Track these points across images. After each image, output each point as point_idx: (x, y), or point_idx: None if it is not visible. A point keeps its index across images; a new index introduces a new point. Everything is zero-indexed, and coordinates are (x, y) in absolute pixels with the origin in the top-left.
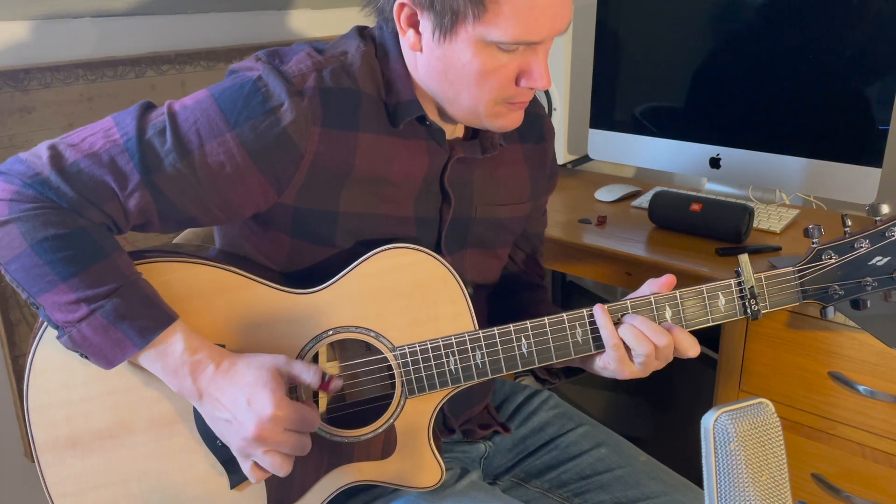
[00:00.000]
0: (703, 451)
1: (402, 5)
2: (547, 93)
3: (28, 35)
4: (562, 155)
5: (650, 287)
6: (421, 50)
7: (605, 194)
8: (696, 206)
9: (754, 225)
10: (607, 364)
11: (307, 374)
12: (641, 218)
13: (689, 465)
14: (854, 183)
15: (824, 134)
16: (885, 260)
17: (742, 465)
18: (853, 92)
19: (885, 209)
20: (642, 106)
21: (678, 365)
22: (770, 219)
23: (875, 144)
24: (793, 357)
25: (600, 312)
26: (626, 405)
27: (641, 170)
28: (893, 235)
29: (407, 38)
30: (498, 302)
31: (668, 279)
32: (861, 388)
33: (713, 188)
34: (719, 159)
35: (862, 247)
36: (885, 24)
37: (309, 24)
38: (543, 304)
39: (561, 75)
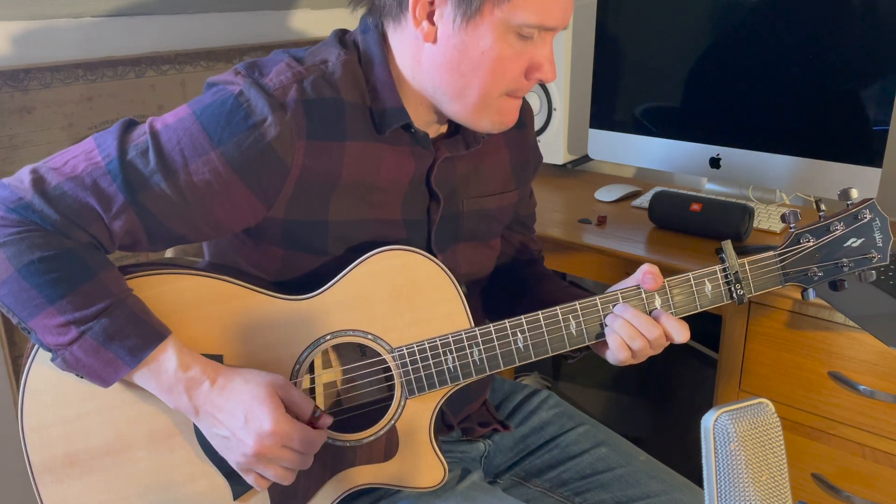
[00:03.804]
0: (703, 451)
1: None
2: (547, 93)
3: (28, 35)
4: (562, 155)
5: (637, 277)
6: (434, 41)
7: (605, 194)
8: (696, 206)
9: (754, 225)
10: (603, 351)
11: (299, 406)
12: (641, 218)
13: (689, 464)
14: (854, 183)
15: (824, 134)
16: (860, 241)
17: (742, 465)
18: (853, 92)
19: (854, 193)
20: (642, 106)
21: (678, 365)
22: (770, 219)
23: (875, 144)
24: (793, 357)
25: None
26: (626, 405)
27: (641, 170)
28: (865, 218)
29: (420, 30)
30: (500, 287)
31: (655, 283)
32: (861, 388)
33: (713, 188)
34: (719, 159)
35: (837, 229)
36: (885, 23)
37: (309, 24)
38: (547, 279)
39: (561, 75)
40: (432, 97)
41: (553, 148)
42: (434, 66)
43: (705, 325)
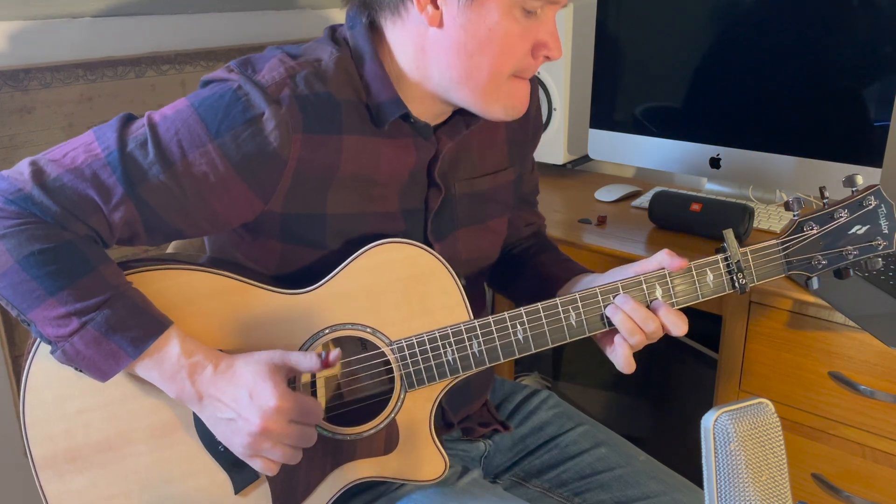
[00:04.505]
0: (703, 451)
1: None
2: (547, 93)
3: (28, 35)
4: (562, 155)
5: (661, 259)
6: (440, 25)
7: (605, 194)
8: (696, 206)
9: (754, 225)
10: (605, 347)
11: (306, 361)
12: (641, 218)
13: (689, 465)
14: None
15: (824, 134)
16: (865, 228)
17: (742, 465)
18: (852, 92)
19: (860, 180)
20: (642, 106)
21: (678, 365)
22: (770, 219)
23: (875, 144)
24: (793, 357)
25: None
26: (626, 405)
27: (641, 170)
28: (870, 204)
29: (426, 14)
30: (499, 259)
31: (682, 263)
32: (861, 388)
33: (713, 188)
34: (719, 159)
35: (841, 217)
36: (885, 23)
37: (309, 24)
38: (545, 250)
39: (561, 75)
40: (438, 86)
41: (553, 148)
42: (440, 51)
43: (705, 325)
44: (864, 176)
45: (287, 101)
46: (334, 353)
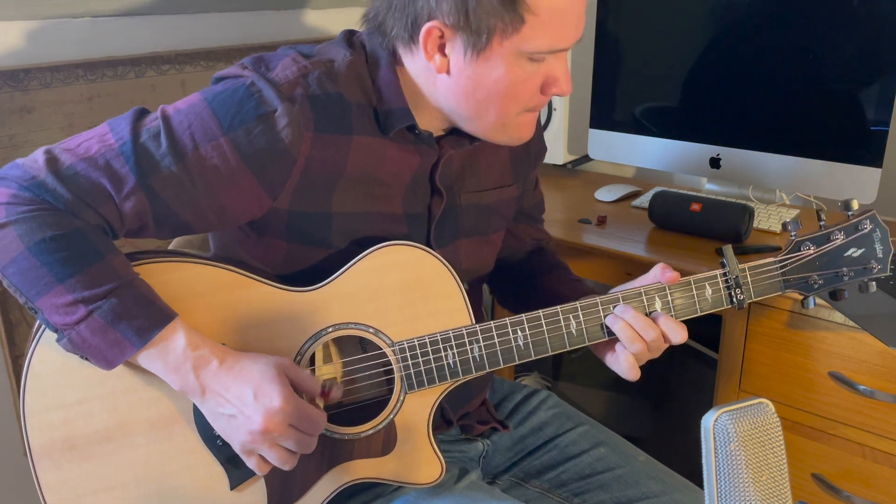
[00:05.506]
0: (704, 451)
1: (431, 31)
2: None
3: (28, 35)
4: (562, 155)
5: (655, 274)
6: (448, 72)
7: (605, 194)
8: (696, 206)
9: (754, 225)
10: (606, 356)
11: (308, 384)
12: (641, 218)
13: (689, 465)
14: (854, 183)
15: (824, 134)
16: (860, 252)
17: (742, 465)
18: (853, 92)
19: (855, 204)
20: (642, 106)
21: (678, 365)
22: (770, 219)
23: (875, 144)
24: (793, 357)
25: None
26: (626, 405)
27: (641, 170)
28: (865, 228)
29: (433, 63)
30: (508, 278)
31: (674, 276)
32: (861, 388)
33: (713, 188)
34: (719, 159)
35: (837, 238)
36: (885, 23)
37: (309, 23)
38: (554, 271)
39: None
40: (449, 115)
41: (553, 148)
42: (450, 93)
43: (705, 326)
44: (864, 176)
45: (300, 100)
46: (336, 390)
